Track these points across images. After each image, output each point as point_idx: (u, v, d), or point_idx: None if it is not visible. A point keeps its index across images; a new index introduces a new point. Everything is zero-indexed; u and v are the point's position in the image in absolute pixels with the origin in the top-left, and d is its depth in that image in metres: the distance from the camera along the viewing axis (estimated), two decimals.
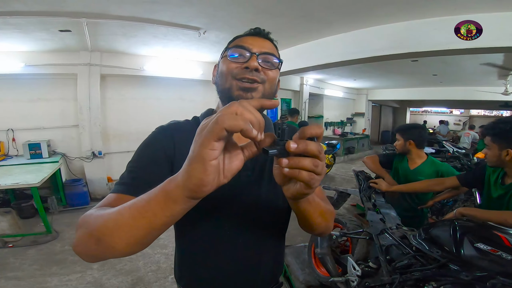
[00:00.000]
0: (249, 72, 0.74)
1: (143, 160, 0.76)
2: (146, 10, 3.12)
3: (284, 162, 0.45)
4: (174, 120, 0.86)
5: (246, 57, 0.76)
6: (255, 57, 0.75)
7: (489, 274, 1.12)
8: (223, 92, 0.79)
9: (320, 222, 0.72)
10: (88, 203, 4.83)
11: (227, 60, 0.78)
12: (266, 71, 0.77)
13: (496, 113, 15.13)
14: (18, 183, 3.31)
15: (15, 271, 2.88)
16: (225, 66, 0.78)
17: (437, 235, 1.42)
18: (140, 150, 0.78)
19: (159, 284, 2.72)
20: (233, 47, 0.78)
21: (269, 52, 0.78)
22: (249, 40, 0.79)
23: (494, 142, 1.59)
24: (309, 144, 0.44)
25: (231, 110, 0.41)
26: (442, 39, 3.25)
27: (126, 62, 5.13)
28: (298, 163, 0.44)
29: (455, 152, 5.80)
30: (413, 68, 6.59)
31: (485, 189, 1.78)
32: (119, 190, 0.70)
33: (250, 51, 0.76)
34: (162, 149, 0.76)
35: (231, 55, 0.78)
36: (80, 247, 0.56)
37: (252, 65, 0.74)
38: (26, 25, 3.36)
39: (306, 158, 0.44)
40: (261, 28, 0.84)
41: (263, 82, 0.77)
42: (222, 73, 0.79)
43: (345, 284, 1.93)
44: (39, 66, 4.47)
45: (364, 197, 2.29)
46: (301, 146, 0.43)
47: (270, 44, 0.82)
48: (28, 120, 4.76)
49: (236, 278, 0.84)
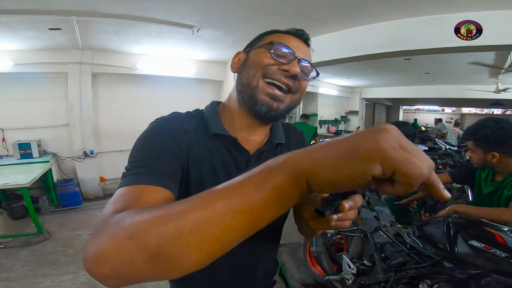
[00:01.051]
0: (288, 76, 0.68)
1: (154, 148, 0.64)
2: (139, 8, 3.08)
3: (334, 219, 0.45)
4: (175, 112, 0.76)
5: (288, 60, 0.68)
6: (298, 64, 0.68)
7: (483, 271, 1.13)
8: (247, 87, 0.70)
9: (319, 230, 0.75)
10: (80, 203, 4.76)
11: (265, 53, 0.69)
12: (302, 81, 0.72)
13: (487, 111, 15.37)
14: (8, 184, 3.25)
15: (7, 272, 2.83)
16: (260, 58, 0.69)
17: (430, 233, 1.43)
18: (147, 139, 0.66)
19: (153, 284, 2.70)
20: (278, 43, 0.69)
21: (310, 62, 0.73)
22: (294, 42, 0.71)
23: (478, 147, 1.60)
24: (358, 201, 0.43)
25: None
26: (435, 37, 3.28)
27: (118, 61, 5.07)
28: (346, 217, 0.45)
29: (447, 149, 5.87)
30: (405, 67, 6.64)
31: (475, 186, 1.81)
32: (138, 181, 0.55)
33: (294, 54, 0.69)
34: (173, 140, 0.66)
35: (269, 50, 0.69)
36: (113, 266, 0.37)
37: (294, 70, 0.67)
38: (15, 23, 3.30)
39: (351, 210, 0.44)
40: (306, 32, 0.76)
41: (294, 92, 0.71)
42: (253, 65, 0.70)
43: (341, 282, 1.94)
44: (29, 65, 4.39)
45: None
46: (353, 205, 0.43)
47: (309, 52, 0.76)
48: (18, 120, 4.68)
49: (232, 280, 0.83)
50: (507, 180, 1.55)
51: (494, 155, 1.53)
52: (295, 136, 0.91)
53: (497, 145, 1.52)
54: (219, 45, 4.62)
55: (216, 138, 0.74)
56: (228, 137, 0.74)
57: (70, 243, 3.46)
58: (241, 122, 0.75)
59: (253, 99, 0.69)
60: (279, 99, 0.69)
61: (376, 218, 1.94)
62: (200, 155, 0.71)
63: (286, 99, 0.70)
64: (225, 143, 0.75)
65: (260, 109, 0.69)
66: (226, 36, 4.07)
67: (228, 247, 0.38)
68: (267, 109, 0.69)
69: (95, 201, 5.02)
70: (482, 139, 1.57)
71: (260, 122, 0.74)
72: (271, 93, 0.68)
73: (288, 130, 0.90)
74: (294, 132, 0.92)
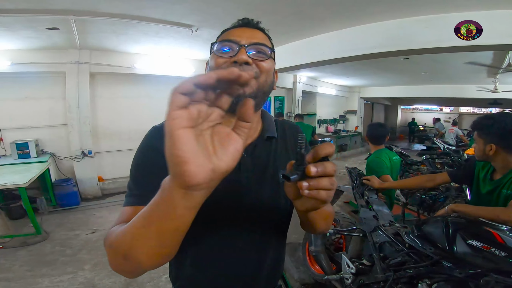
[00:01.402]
0: (238, 67, 0.68)
1: (144, 168, 0.72)
2: (137, 7, 3.07)
3: (304, 186, 0.46)
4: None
5: (235, 51, 0.70)
6: (244, 50, 0.70)
7: (482, 271, 1.13)
8: None
9: (322, 225, 0.74)
10: (78, 203, 4.75)
11: (215, 55, 0.73)
12: (259, 62, 0.72)
13: (485, 110, 15.42)
14: (5, 184, 3.23)
15: (5, 272, 2.82)
16: (213, 62, 0.73)
17: (429, 232, 1.43)
18: (138, 157, 0.74)
19: (152, 284, 2.69)
20: (220, 41, 0.74)
21: (260, 42, 0.73)
22: (237, 32, 0.74)
23: (480, 137, 1.63)
24: (327, 166, 0.45)
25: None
26: (433, 37, 3.29)
27: (116, 60, 5.05)
28: (318, 185, 0.46)
29: (445, 149, 5.89)
30: (404, 66, 6.65)
31: (474, 185, 1.81)
32: (132, 202, 0.67)
33: (238, 43, 0.70)
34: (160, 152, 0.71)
35: (218, 50, 0.72)
36: (114, 266, 0.55)
37: (241, 58, 0.69)
38: (13, 23, 3.28)
39: (324, 178, 0.46)
40: (249, 18, 0.79)
41: (256, 75, 0.72)
42: (211, 70, 0.75)
43: (340, 282, 1.94)
44: (26, 65, 4.37)
45: (357, 194, 2.30)
46: (320, 170, 0.45)
47: (261, 34, 0.77)
48: (16, 119, 4.65)
49: (235, 281, 0.82)
50: (505, 179, 1.55)
51: (491, 146, 1.55)
52: (291, 131, 0.91)
53: (495, 137, 1.55)
54: None
55: None
56: None
57: (68, 243, 3.45)
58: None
59: None
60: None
61: (375, 218, 1.94)
62: None
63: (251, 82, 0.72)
64: None
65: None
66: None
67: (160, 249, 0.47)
68: (235, 99, 0.71)
69: (94, 201, 5.00)
70: (484, 129, 1.61)
71: None
72: None
73: (283, 125, 0.91)
74: (290, 126, 0.92)
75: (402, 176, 4.13)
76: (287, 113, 8.97)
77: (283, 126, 0.90)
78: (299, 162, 0.47)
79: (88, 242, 3.48)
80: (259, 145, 0.80)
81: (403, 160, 4.44)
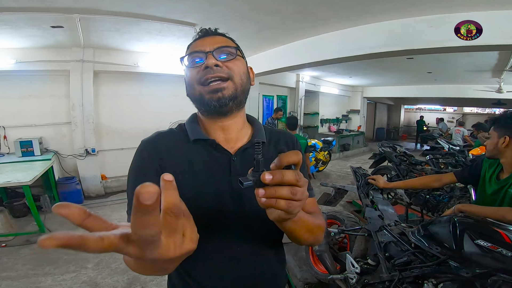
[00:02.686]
0: (210, 70, 0.73)
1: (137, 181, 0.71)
2: (140, 5, 3.07)
3: (260, 193, 0.44)
4: (157, 131, 0.83)
5: (202, 59, 0.75)
6: (211, 55, 0.74)
7: (490, 271, 1.12)
8: (196, 102, 0.78)
9: (307, 238, 0.71)
10: (81, 201, 4.77)
11: (187, 69, 0.78)
12: (228, 63, 0.75)
13: (489, 110, 15.32)
14: (9, 182, 3.24)
15: (8, 271, 2.83)
16: (188, 75, 0.78)
17: (436, 232, 1.41)
18: (131, 175, 0.76)
19: (155, 283, 2.69)
20: (188, 54, 0.78)
21: (223, 45, 0.77)
22: (199, 42, 0.79)
23: (495, 130, 1.64)
24: (285, 174, 0.43)
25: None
26: (437, 37, 3.26)
27: (119, 59, 5.06)
28: (275, 194, 0.44)
29: (450, 149, 5.85)
30: (408, 66, 6.61)
31: (479, 185, 1.80)
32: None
33: (204, 51, 0.75)
34: (150, 168, 0.75)
35: (190, 63, 0.77)
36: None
37: (210, 62, 0.73)
38: (16, 21, 3.29)
39: (283, 187, 0.44)
40: (207, 28, 0.84)
41: (230, 77, 0.75)
42: (188, 83, 0.78)
43: (344, 281, 1.93)
44: (30, 63, 4.39)
45: (362, 194, 2.29)
46: (276, 178, 0.43)
47: (222, 38, 0.81)
48: (19, 118, 4.68)
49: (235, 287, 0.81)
50: None
51: (505, 139, 1.56)
52: (286, 140, 0.91)
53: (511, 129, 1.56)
54: None
55: (197, 144, 0.78)
56: (207, 140, 0.79)
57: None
58: (212, 125, 0.80)
59: (203, 103, 0.75)
60: (218, 89, 0.73)
61: (380, 217, 1.93)
62: (175, 164, 0.76)
63: (228, 85, 0.75)
64: (205, 147, 0.79)
65: (211, 105, 0.74)
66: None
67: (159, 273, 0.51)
68: (217, 101, 0.74)
69: (97, 199, 5.02)
70: (501, 121, 1.63)
71: (223, 117, 0.78)
72: (210, 90, 0.73)
73: (279, 134, 0.91)
74: (285, 136, 0.92)
75: (406, 176, 4.10)
76: (289, 112, 8.95)
77: (278, 134, 0.91)
78: (255, 168, 0.46)
79: None
80: (248, 149, 0.81)
81: (406, 160, 4.42)
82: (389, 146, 4.93)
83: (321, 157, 6.94)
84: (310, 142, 6.95)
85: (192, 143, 0.78)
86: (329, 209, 2.93)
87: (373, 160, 5.59)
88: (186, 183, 0.72)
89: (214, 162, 0.77)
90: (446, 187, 3.31)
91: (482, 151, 4.32)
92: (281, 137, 0.91)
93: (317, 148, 6.87)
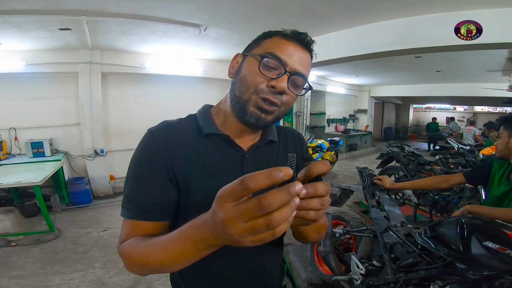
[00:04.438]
0: (273, 94, 0.67)
1: (141, 179, 0.71)
2: (145, 7, 3.10)
3: None
4: (165, 120, 0.78)
5: (278, 73, 0.67)
6: (286, 77, 0.67)
7: (497, 273, 1.10)
8: (238, 99, 0.71)
9: (314, 236, 0.75)
10: (90, 201, 4.84)
11: (255, 67, 0.68)
12: (289, 95, 0.71)
13: (500, 109, 15.01)
14: (20, 182, 3.30)
15: (17, 270, 2.88)
16: (251, 75, 0.69)
17: (443, 233, 1.39)
18: (135, 165, 0.72)
19: (161, 282, 2.71)
20: (269, 56, 0.67)
21: (303, 74, 0.71)
22: (291, 48, 0.69)
23: (505, 129, 1.61)
24: (318, 187, 0.43)
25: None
26: (445, 35, 3.21)
27: (126, 60, 5.12)
28: (307, 206, 0.43)
29: (459, 148, 5.75)
30: (416, 65, 6.52)
31: (488, 186, 1.76)
32: (130, 216, 0.70)
33: (284, 67, 0.67)
34: (157, 159, 0.70)
35: (262, 64, 0.67)
36: (127, 268, 0.66)
37: (280, 87, 0.66)
38: (25, 23, 3.35)
39: (314, 199, 0.43)
40: (305, 34, 0.73)
41: (282, 105, 0.71)
42: (245, 80, 0.70)
43: (348, 282, 1.91)
44: (40, 65, 4.47)
45: (368, 194, 2.27)
46: (310, 191, 0.42)
47: (309, 58, 0.74)
48: (30, 119, 4.77)
49: (239, 285, 0.81)
50: None
51: None
52: (293, 137, 0.91)
53: None
54: (226, 44, 4.62)
55: (209, 138, 0.75)
56: (221, 135, 0.76)
57: (80, 241, 3.51)
58: (234, 123, 0.76)
59: (243, 110, 0.70)
60: (267, 111, 0.70)
61: (386, 218, 1.90)
62: (186, 161, 0.72)
63: (275, 111, 0.71)
64: (218, 142, 0.76)
65: (249, 119, 0.71)
66: (233, 34, 4.06)
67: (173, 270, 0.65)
68: (255, 120, 0.71)
69: (105, 199, 5.09)
70: (510, 121, 1.61)
71: (249, 129, 0.76)
72: (260, 107, 0.69)
73: (285, 131, 0.91)
74: (292, 133, 0.93)
75: (414, 177, 4.05)
76: (296, 112, 8.92)
77: (285, 131, 0.90)
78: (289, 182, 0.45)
79: (99, 240, 3.54)
80: (260, 147, 0.80)
81: (415, 160, 4.35)
82: (396, 146, 4.87)
83: (328, 157, 6.90)
84: (316, 142, 6.92)
85: (204, 138, 0.75)
86: (335, 209, 2.91)
87: (381, 160, 5.53)
88: (196, 182, 0.72)
89: (226, 160, 0.75)
90: (456, 187, 3.25)
91: (493, 151, 4.22)
92: (288, 134, 0.91)
93: (323, 148, 6.83)
